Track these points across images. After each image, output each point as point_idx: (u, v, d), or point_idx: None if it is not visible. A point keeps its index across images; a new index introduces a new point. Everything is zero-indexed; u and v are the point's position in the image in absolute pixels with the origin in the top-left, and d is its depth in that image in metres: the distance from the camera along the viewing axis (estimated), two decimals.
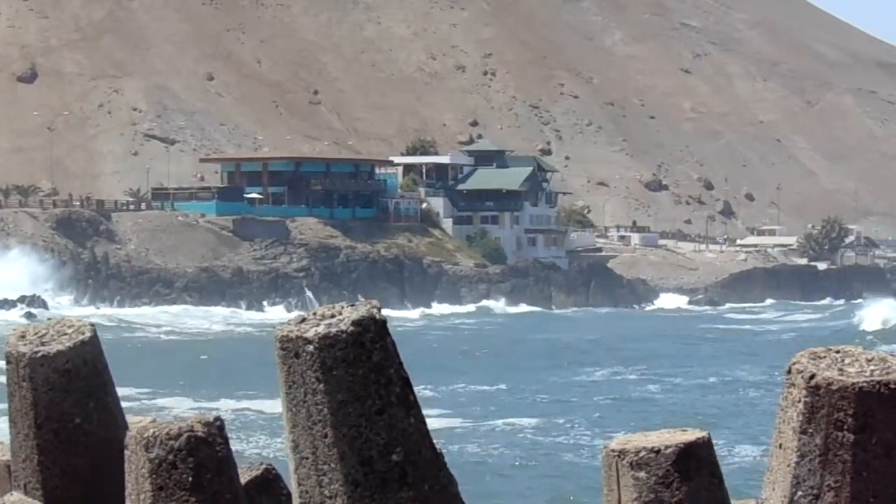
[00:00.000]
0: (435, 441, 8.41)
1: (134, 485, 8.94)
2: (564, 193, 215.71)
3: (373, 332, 8.15)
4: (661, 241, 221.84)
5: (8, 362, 9.56)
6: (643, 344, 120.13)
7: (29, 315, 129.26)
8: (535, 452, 59.24)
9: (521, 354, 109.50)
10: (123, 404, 10.04)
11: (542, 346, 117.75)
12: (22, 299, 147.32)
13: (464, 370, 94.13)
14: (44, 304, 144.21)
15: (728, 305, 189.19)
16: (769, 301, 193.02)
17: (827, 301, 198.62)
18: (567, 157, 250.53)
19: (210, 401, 71.41)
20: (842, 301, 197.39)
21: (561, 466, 55.11)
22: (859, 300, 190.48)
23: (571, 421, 69.11)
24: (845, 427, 7.33)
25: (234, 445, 9.42)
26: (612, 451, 8.71)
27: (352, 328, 8.08)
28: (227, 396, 74.88)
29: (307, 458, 8.15)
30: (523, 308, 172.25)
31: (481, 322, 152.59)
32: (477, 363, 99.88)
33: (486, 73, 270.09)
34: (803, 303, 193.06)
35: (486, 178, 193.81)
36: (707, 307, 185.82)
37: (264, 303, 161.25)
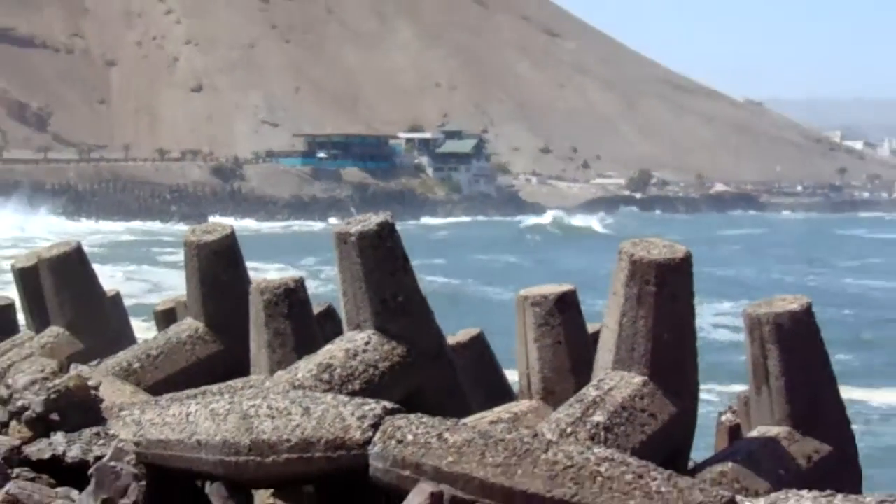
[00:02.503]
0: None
1: (255, 316, 8.95)
2: (495, 154, 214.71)
3: (388, 230, 8.14)
4: (549, 181, 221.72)
5: (185, 247, 9.55)
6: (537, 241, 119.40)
7: (193, 223, 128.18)
8: (464, 300, 57.72)
9: (467, 244, 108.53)
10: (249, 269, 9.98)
11: (478, 239, 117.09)
12: (189, 212, 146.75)
13: (426, 255, 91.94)
14: (205, 218, 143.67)
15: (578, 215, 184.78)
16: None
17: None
18: (497, 135, 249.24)
19: (294, 266, 70.88)
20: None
21: (482, 310, 54.02)
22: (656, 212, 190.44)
23: (493, 280, 68.48)
24: (650, 284, 7.34)
25: (309, 291, 9.38)
26: (521, 296, 8.71)
27: (376, 227, 8.07)
28: (304, 264, 74.41)
29: (351, 300, 8.15)
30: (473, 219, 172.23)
31: (448, 226, 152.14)
32: (441, 252, 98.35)
33: (453, 89, 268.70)
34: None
35: (452, 146, 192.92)
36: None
37: (328, 216, 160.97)
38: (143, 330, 12.65)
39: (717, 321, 45.05)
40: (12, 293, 12.01)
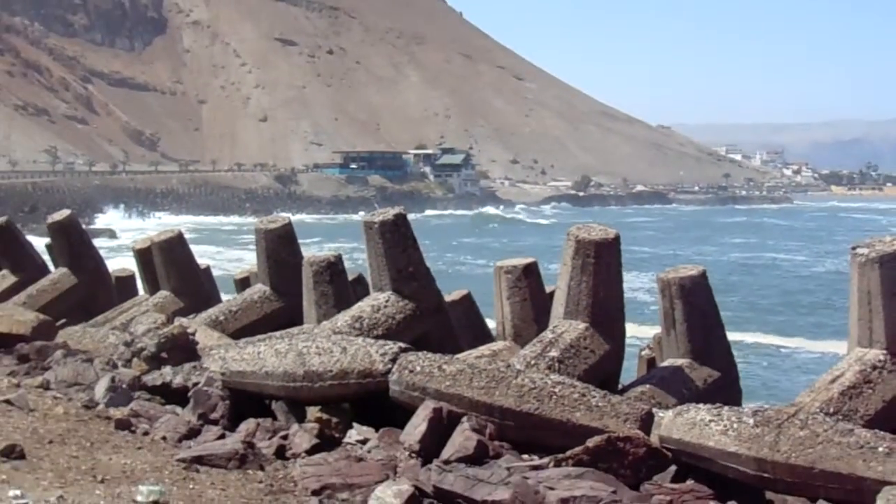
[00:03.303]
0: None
1: (306, 282, 8.89)
2: (478, 165, 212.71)
3: (401, 219, 8.10)
4: (517, 184, 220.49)
5: (256, 233, 9.47)
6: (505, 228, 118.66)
7: (261, 216, 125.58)
8: (456, 269, 57.53)
9: (458, 230, 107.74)
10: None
11: (467, 226, 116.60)
12: (259, 208, 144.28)
13: (428, 238, 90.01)
14: (270, 212, 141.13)
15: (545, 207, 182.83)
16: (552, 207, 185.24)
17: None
18: (480, 151, 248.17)
19: (333, 246, 69.20)
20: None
21: (469, 277, 53.81)
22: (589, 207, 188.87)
23: (476, 255, 67.57)
24: (590, 257, 7.33)
25: (345, 264, 9.31)
26: (497, 266, 8.69)
27: (393, 217, 8.03)
28: (340, 243, 72.97)
29: (375, 270, 8.12)
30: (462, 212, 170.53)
31: (444, 216, 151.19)
32: (439, 235, 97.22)
33: (447, 118, 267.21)
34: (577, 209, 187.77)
35: (447, 158, 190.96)
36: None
37: (358, 210, 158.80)
38: (226, 292, 12.64)
39: (639, 284, 44.99)
40: (133, 266, 12.08)
